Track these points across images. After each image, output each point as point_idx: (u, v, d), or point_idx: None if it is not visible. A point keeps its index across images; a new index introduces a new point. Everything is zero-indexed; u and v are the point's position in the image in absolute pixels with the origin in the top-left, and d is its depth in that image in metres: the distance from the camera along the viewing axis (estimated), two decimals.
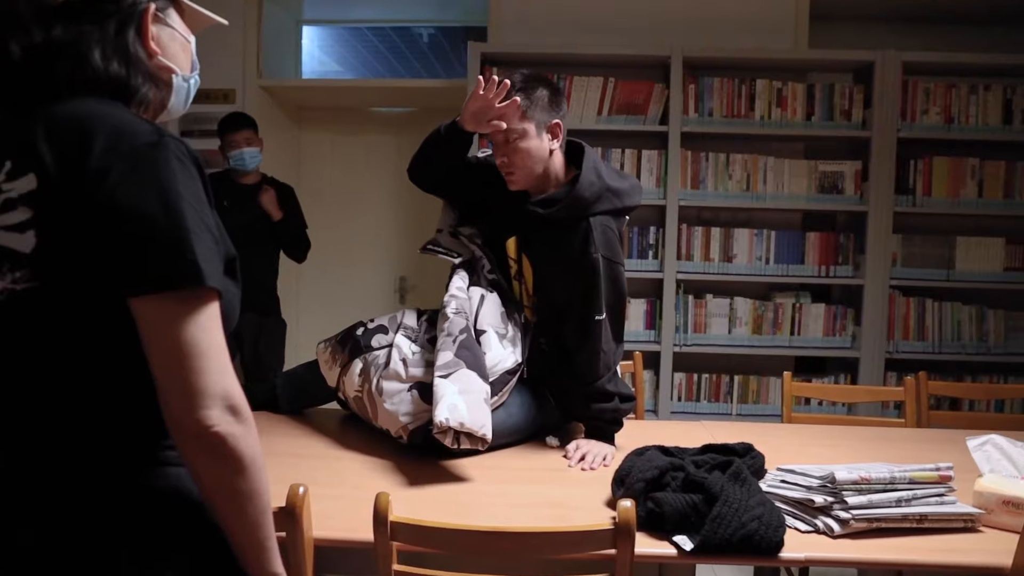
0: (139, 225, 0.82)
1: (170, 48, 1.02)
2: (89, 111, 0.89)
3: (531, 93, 1.86)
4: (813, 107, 3.42)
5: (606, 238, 1.85)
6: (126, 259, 0.82)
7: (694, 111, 3.41)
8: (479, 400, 1.68)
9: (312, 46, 4.86)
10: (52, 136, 0.86)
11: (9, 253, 0.86)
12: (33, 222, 0.85)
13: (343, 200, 4.18)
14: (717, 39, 3.57)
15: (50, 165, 0.85)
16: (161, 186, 0.84)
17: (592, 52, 3.43)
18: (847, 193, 3.43)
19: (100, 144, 0.84)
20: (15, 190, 0.86)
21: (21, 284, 0.85)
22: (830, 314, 3.46)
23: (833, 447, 2.00)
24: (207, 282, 0.83)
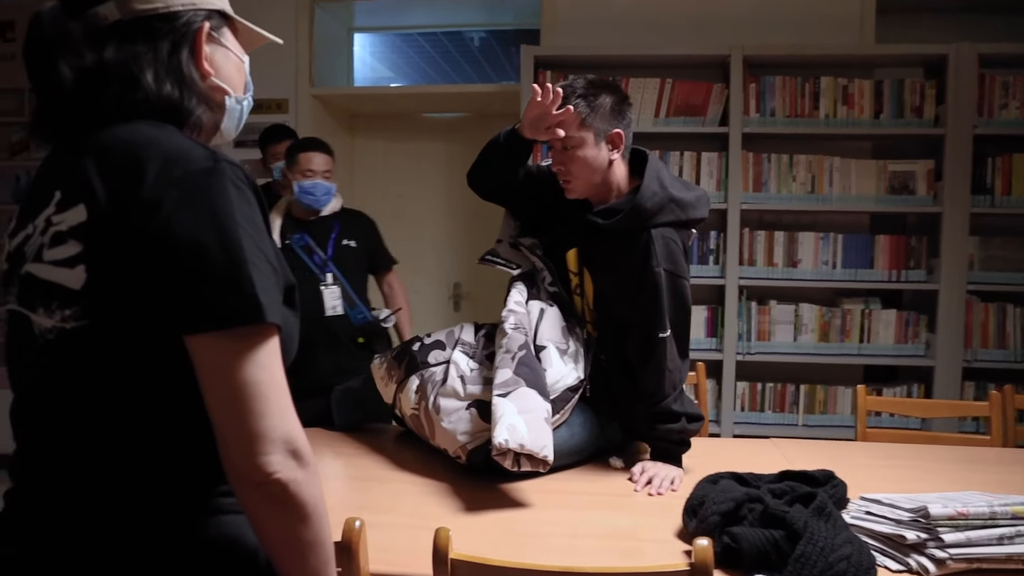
0: (194, 258, 0.77)
1: (224, 68, 0.98)
2: (141, 137, 0.84)
3: (593, 100, 1.78)
4: (881, 104, 3.27)
5: (668, 251, 1.77)
6: (181, 295, 0.78)
7: (755, 111, 3.29)
8: (539, 420, 1.61)
9: (364, 53, 4.85)
10: (103, 164, 0.83)
11: (59, 290, 0.82)
12: (83, 256, 0.81)
13: (396, 207, 4.15)
14: (779, 36, 3.44)
15: (100, 195, 0.81)
16: (217, 214, 0.79)
17: (648, 52, 3.33)
18: (919, 193, 3.26)
19: (152, 172, 0.80)
20: (64, 223, 0.82)
21: (71, 322, 0.81)
22: (901, 320, 3.30)
23: (914, 469, 1.87)
24: (267, 318, 0.79)
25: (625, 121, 1.82)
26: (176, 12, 0.92)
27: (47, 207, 0.85)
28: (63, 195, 0.84)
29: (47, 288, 0.83)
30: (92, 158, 0.83)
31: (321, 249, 2.77)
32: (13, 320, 0.88)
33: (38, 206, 0.87)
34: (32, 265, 0.85)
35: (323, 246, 2.78)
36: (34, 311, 0.84)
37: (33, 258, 0.85)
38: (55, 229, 0.83)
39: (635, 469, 1.76)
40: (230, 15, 1.00)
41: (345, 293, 2.77)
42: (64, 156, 0.88)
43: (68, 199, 0.83)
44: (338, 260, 2.78)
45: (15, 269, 0.88)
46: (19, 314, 0.87)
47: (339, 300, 2.76)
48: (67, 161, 0.86)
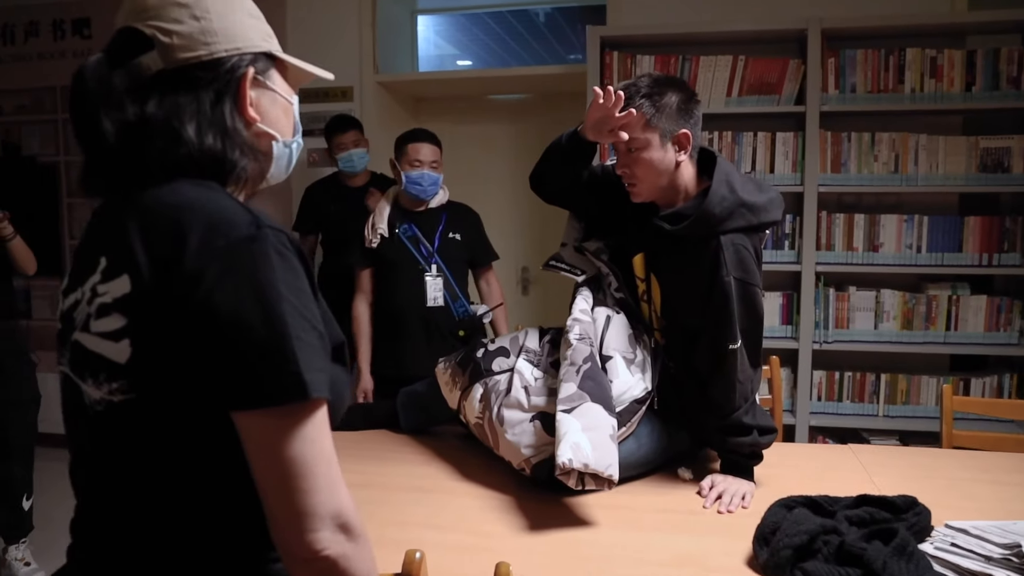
0: (237, 334, 0.76)
1: (271, 113, 0.96)
2: (183, 200, 0.83)
3: (658, 100, 1.70)
4: (974, 76, 3.05)
5: (739, 257, 1.68)
6: (225, 372, 0.76)
7: (834, 87, 3.12)
8: (605, 437, 1.57)
9: (428, 31, 4.81)
10: (145, 232, 0.81)
11: (105, 363, 0.82)
12: (128, 330, 0.80)
13: (462, 190, 4.10)
14: (859, 5, 3.24)
15: (143, 266, 0.79)
16: (259, 287, 0.77)
17: (719, 29, 3.18)
18: (1014, 171, 3.05)
19: (194, 241, 0.78)
20: (109, 293, 0.82)
21: (118, 395, 0.81)
22: (993, 307, 3.12)
23: (1007, 485, 1.76)
24: (311, 395, 0.77)
25: (692, 120, 1.73)
26: (219, 59, 0.89)
27: (93, 273, 0.85)
28: (108, 263, 0.83)
29: (95, 360, 0.83)
30: (136, 223, 0.82)
31: (427, 241, 2.81)
32: (66, 384, 0.89)
33: (86, 269, 0.86)
34: (80, 334, 0.85)
35: (429, 238, 2.82)
36: (84, 380, 0.84)
37: (81, 327, 0.85)
38: (100, 300, 0.83)
39: (704, 483, 1.71)
40: (277, 55, 0.97)
41: (448, 285, 2.81)
42: (111, 216, 0.87)
43: (113, 268, 0.82)
44: (443, 252, 2.82)
45: (67, 333, 0.88)
46: (71, 379, 0.87)
47: (441, 291, 2.80)
48: (113, 223, 0.85)
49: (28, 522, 2.97)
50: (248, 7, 0.94)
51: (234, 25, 0.91)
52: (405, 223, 2.81)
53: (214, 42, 0.89)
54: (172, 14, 0.88)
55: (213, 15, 0.89)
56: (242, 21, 0.92)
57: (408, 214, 2.83)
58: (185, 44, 0.88)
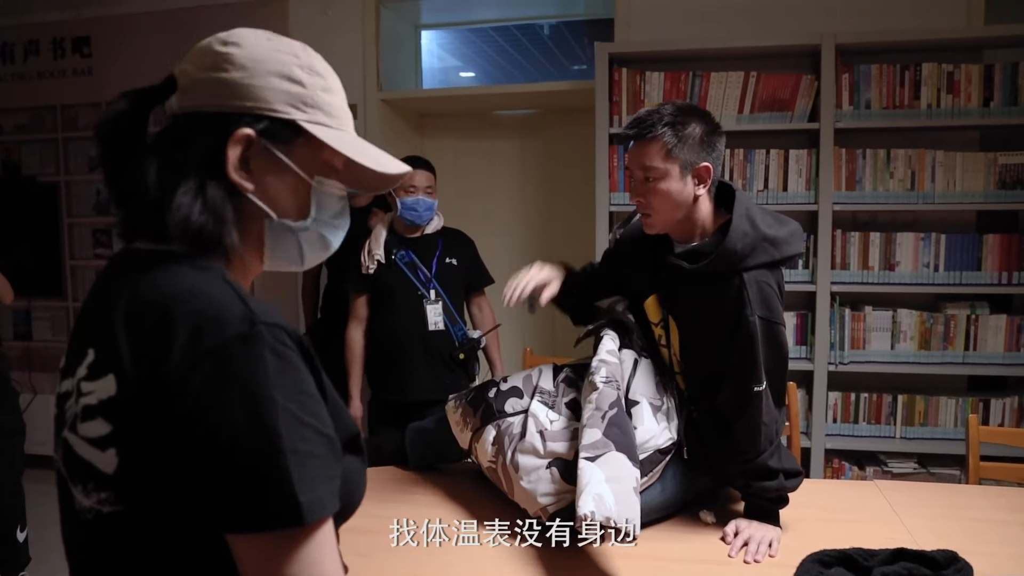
0: (225, 451, 0.68)
1: (273, 186, 0.84)
2: (172, 289, 0.75)
3: (681, 130, 1.63)
4: (991, 91, 2.99)
5: (763, 296, 1.61)
6: (214, 491, 0.69)
7: (848, 104, 3.05)
8: (628, 489, 1.49)
9: (432, 45, 4.75)
10: (131, 325, 0.74)
11: (93, 471, 0.75)
12: (113, 438, 0.73)
13: (469, 207, 4.06)
14: (874, 20, 3.17)
15: (127, 366, 0.72)
16: (251, 395, 0.69)
17: (730, 45, 3.12)
18: None
19: (181, 338, 0.71)
20: (94, 394, 0.75)
21: (107, 506, 0.74)
22: (1013, 326, 3.05)
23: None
24: (306, 520, 0.69)
25: (715, 154, 1.66)
26: (223, 114, 0.81)
27: (80, 365, 0.78)
28: (95, 358, 0.76)
29: (83, 466, 0.76)
30: (121, 314, 0.75)
31: (425, 266, 2.83)
32: (60, 482, 0.82)
33: (77, 357, 0.79)
34: (69, 434, 0.78)
35: (427, 264, 2.84)
36: (74, 486, 0.78)
37: (69, 426, 0.78)
38: (85, 401, 0.76)
39: (728, 529, 1.64)
40: (303, 127, 0.85)
41: (447, 309, 2.84)
42: (102, 303, 0.79)
43: (98, 365, 0.75)
44: (440, 278, 2.85)
45: (59, 426, 0.81)
46: (64, 479, 0.80)
47: (441, 316, 2.83)
48: (102, 312, 0.78)
49: (25, 554, 2.90)
50: (286, 69, 0.84)
51: (256, 83, 0.82)
52: (402, 249, 2.83)
53: (224, 95, 0.81)
54: (201, 58, 0.83)
55: (236, 69, 0.81)
56: (268, 82, 0.82)
57: (404, 240, 2.85)
58: (194, 89, 0.82)
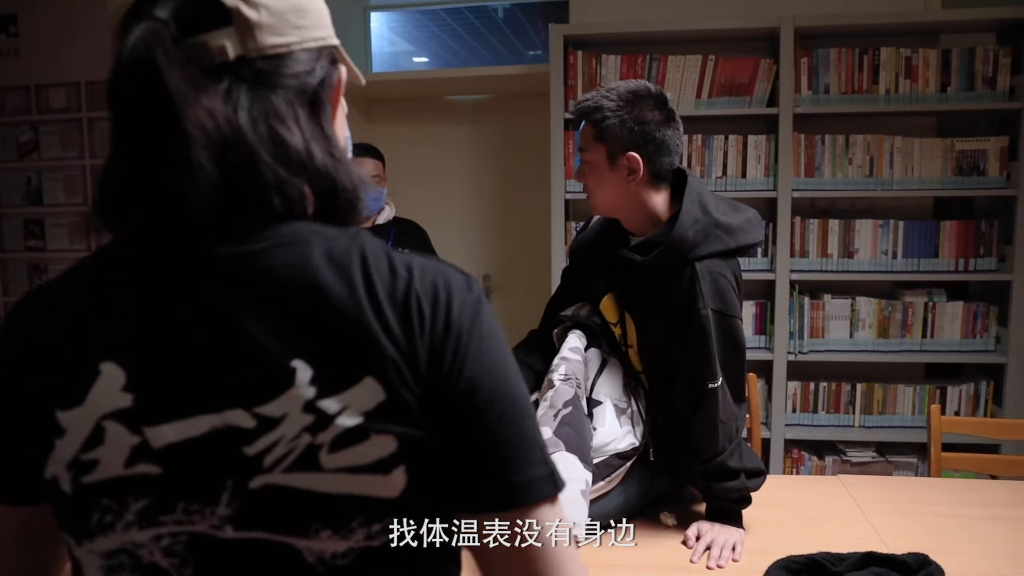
0: (508, 416, 0.65)
1: (343, 129, 0.77)
2: (393, 261, 0.66)
3: (614, 116, 1.55)
4: (949, 76, 2.96)
5: (716, 287, 1.53)
6: (497, 466, 0.64)
7: (807, 88, 3.00)
8: (575, 492, 1.41)
9: (382, 28, 4.60)
10: (372, 315, 0.62)
11: (361, 502, 0.62)
12: (401, 454, 0.62)
13: (420, 195, 3.94)
14: (833, 4, 3.12)
15: (390, 360, 0.62)
16: (508, 356, 0.67)
17: (688, 28, 3.04)
18: (990, 174, 2.96)
19: (437, 310, 0.64)
20: (350, 410, 0.61)
21: (380, 538, 0.63)
22: (969, 313, 3.04)
23: (1012, 522, 1.65)
24: (562, 485, 0.67)
25: (652, 145, 1.56)
26: (312, 51, 0.68)
27: (274, 388, 0.61)
28: (319, 368, 0.61)
29: (334, 504, 0.64)
30: (344, 305, 0.62)
31: None
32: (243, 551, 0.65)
33: (229, 384, 0.62)
34: (288, 476, 0.63)
35: None
36: (301, 536, 0.64)
37: (292, 466, 0.63)
38: (341, 422, 0.61)
39: (690, 532, 1.56)
40: (343, 57, 0.75)
41: None
42: (233, 295, 0.62)
43: (334, 374, 0.61)
44: None
45: (214, 479, 0.64)
46: (236, 544, 0.65)
47: None
48: (257, 305, 0.61)
49: None
50: None
51: (318, 6, 0.69)
52: None
53: (305, 26, 0.67)
54: None
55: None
56: (320, 3, 0.71)
57: None
58: (275, 24, 0.64)
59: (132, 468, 0.62)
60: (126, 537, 0.63)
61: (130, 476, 0.62)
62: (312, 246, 0.63)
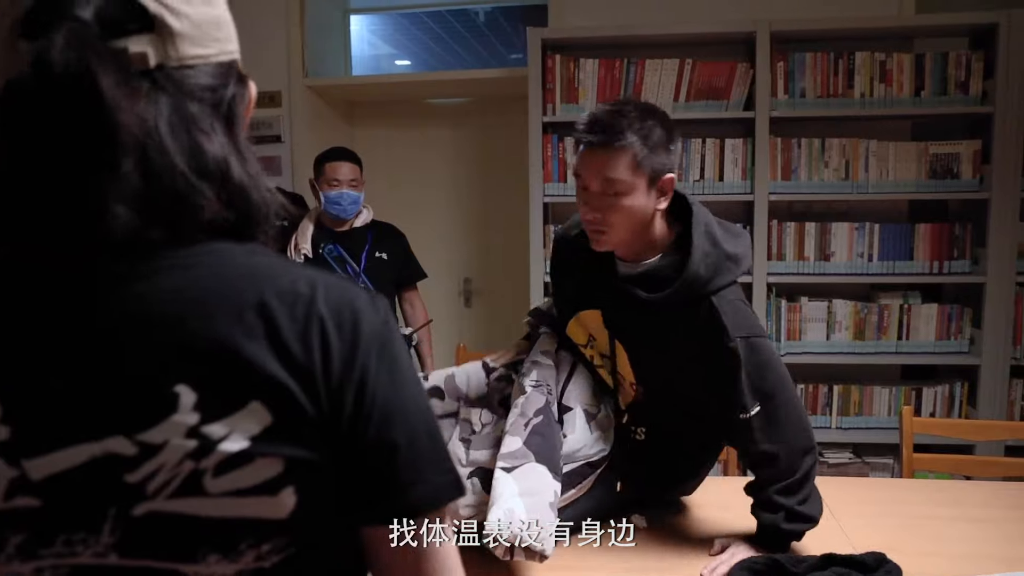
0: (409, 436, 0.66)
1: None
2: (285, 280, 0.65)
3: (650, 135, 1.39)
4: (923, 80, 2.99)
5: (738, 315, 1.44)
6: (393, 474, 0.65)
7: (784, 92, 3.02)
8: (544, 505, 1.38)
9: (363, 31, 4.60)
10: (261, 337, 0.61)
11: (249, 525, 0.62)
12: (289, 475, 0.62)
13: (400, 198, 3.94)
14: (809, 8, 3.15)
15: (278, 384, 0.61)
16: (412, 377, 0.69)
17: (665, 31, 3.05)
18: (964, 177, 2.99)
19: (336, 331, 0.64)
20: (235, 435, 0.60)
21: (271, 558, 0.63)
22: (943, 315, 3.07)
23: (978, 523, 1.66)
24: (463, 491, 0.70)
25: (675, 160, 1.47)
26: (229, 64, 0.67)
27: (157, 411, 0.60)
28: (202, 393, 0.60)
29: (223, 527, 0.64)
30: (232, 329, 0.61)
31: (354, 260, 2.74)
32: None
33: (128, 404, 0.60)
34: (170, 502, 0.62)
35: (356, 258, 2.75)
36: (188, 561, 0.63)
37: (175, 492, 0.62)
38: (224, 447, 0.60)
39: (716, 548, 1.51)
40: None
41: None
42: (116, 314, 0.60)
43: (217, 398, 0.60)
44: (370, 272, 2.75)
45: (90, 507, 0.63)
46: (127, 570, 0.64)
47: None
48: (167, 331, 0.60)
49: None
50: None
51: (230, 19, 0.69)
52: (330, 243, 2.73)
53: (223, 38, 0.67)
54: None
55: (220, 5, 0.67)
56: (229, 16, 0.70)
57: (332, 234, 2.75)
58: (195, 35, 0.64)
59: (10, 502, 0.60)
60: (7, 569, 0.62)
61: (9, 509, 0.60)
62: (209, 268, 0.63)
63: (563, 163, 3.12)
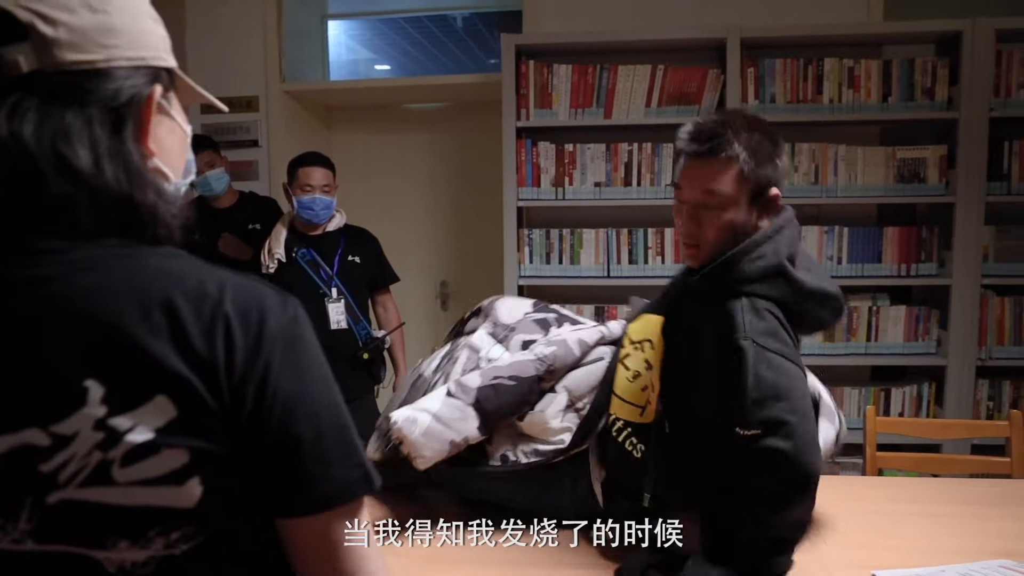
0: (311, 428, 0.69)
1: (167, 146, 0.75)
2: (191, 280, 0.67)
3: (757, 147, 1.33)
4: (890, 86, 3.04)
5: (762, 321, 1.32)
6: (303, 473, 0.68)
7: (754, 97, 3.07)
8: (444, 439, 1.46)
9: (342, 36, 4.62)
10: (165, 333, 0.64)
11: (157, 513, 0.65)
12: (194, 466, 0.65)
13: (378, 202, 3.96)
14: (778, 15, 3.20)
15: (183, 378, 0.64)
16: (321, 375, 0.71)
17: (638, 38, 3.10)
18: (930, 182, 3.05)
19: (242, 330, 0.67)
20: (141, 427, 0.63)
21: (180, 546, 0.66)
22: (911, 317, 3.12)
23: (937, 518, 1.70)
24: (376, 486, 0.72)
25: (781, 175, 1.41)
26: (118, 69, 0.69)
27: (65, 408, 0.64)
28: (109, 388, 0.63)
29: (131, 515, 0.66)
30: (138, 326, 0.63)
31: (327, 264, 2.75)
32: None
33: (40, 398, 0.64)
34: (82, 491, 0.65)
35: (329, 261, 2.76)
36: (99, 548, 0.67)
37: (84, 481, 0.65)
38: (130, 439, 0.63)
39: None
40: (177, 73, 0.77)
41: (350, 308, 2.76)
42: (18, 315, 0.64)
43: (124, 394, 0.63)
44: (343, 275, 2.77)
45: (22, 492, 0.67)
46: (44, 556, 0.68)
47: (344, 315, 2.75)
48: (73, 329, 0.63)
49: None
50: (150, 8, 0.74)
51: (139, 27, 0.71)
52: (303, 247, 2.75)
53: (114, 45, 0.68)
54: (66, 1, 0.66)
55: (115, 9, 0.69)
56: (147, 24, 0.72)
57: (305, 238, 2.77)
58: (75, 42, 0.65)
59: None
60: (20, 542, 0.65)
61: None
62: (111, 271, 0.65)
63: (537, 167, 3.15)
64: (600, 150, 3.14)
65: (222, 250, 2.93)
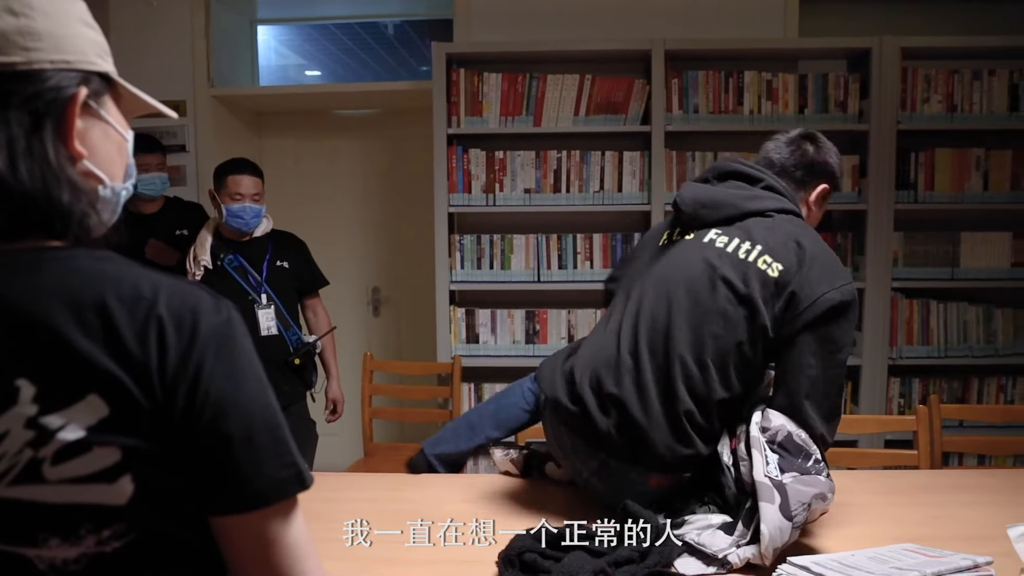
0: (242, 428, 0.70)
1: (102, 149, 0.76)
2: (124, 283, 0.68)
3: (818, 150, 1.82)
4: (806, 99, 3.19)
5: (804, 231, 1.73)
6: (233, 473, 0.69)
7: (678, 108, 3.17)
8: None
9: (272, 41, 4.57)
10: (98, 334, 0.65)
11: (88, 511, 0.66)
12: (126, 464, 0.65)
13: (309, 208, 3.93)
14: (701, 29, 3.32)
15: (115, 378, 0.65)
16: (255, 375, 0.72)
17: (566, 48, 3.17)
18: (844, 190, 3.20)
19: (174, 331, 0.68)
20: (72, 425, 0.64)
21: (112, 543, 0.67)
22: None
23: (843, 507, 1.79)
24: (308, 483, 0.73)
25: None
26: (40, 71, 0.69)
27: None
28: (40, 388, 0.64)
29: (62, 513, 0.67)
30: (72, 327, 0.64)
31: (255, 270, 2.71)
32: None
33: None
34: (10, 489, 0.66)
35: (257, 267, 2.72)
36: (35, 546, 0.68)
37: (14, 480, 0.66)
38: (62, 437, 0.64)
39: None
40: (114, 79, 0.77)
41: (280, 314, 2.72)
42: None
43: (58, 393, 0.64)
44: (271, 281, 2.73)
45: None
46: None
47: (274, 321, 2.71)
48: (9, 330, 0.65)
49: None
50: (83, 14, 0.75)
51: (65, 32, 0.71)
52: (230, 254, 2.70)
53: (36, 48, 0.69)
54: None
55: (38, 13, 0.69)
56: (76, 29, 0.73)
57: (232, 244, 2.72)
58: None
59: None
60: None
61: None
62: (44, 272, 0.67)
63: (468, 174, 3.18)
64: (530, 157, 3.19)
65: (149, 256, 2.87)
